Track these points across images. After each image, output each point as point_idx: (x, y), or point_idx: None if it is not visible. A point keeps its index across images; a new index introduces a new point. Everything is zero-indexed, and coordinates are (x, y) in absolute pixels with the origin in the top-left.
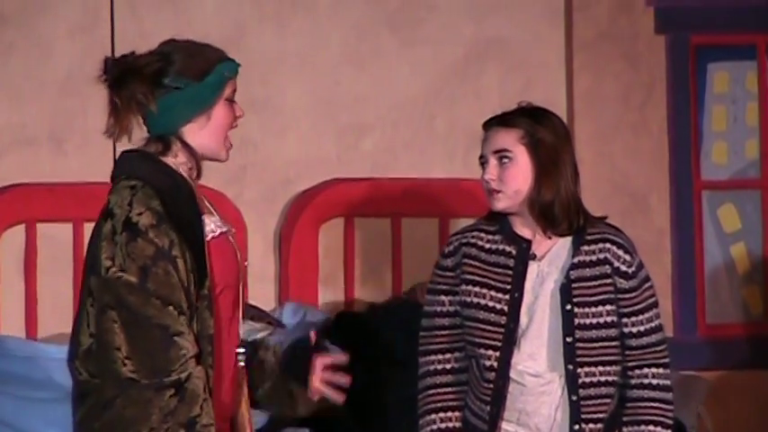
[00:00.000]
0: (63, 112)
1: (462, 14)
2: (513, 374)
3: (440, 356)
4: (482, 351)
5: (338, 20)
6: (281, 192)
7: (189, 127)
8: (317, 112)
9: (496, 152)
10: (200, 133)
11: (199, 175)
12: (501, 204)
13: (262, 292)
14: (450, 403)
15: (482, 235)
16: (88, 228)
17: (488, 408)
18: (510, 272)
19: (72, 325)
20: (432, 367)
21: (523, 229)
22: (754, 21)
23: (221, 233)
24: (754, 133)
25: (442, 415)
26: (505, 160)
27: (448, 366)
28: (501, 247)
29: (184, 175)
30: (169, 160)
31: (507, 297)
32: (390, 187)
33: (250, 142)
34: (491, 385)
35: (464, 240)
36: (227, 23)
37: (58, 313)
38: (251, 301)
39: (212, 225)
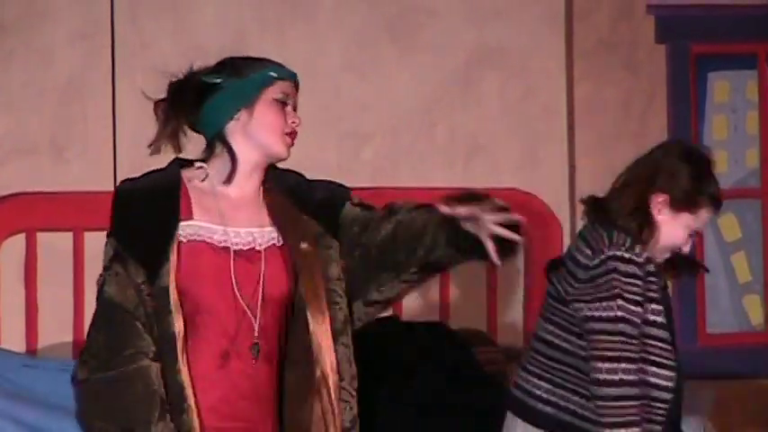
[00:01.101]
0: (63, 119)
1: (462, 22)
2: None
3: (637, 367)
4: (655, 369)
5: (338, 28)
6: None
7: (233, 125)
8: (318, 120)
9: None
10: (244, 131)
11: (229, 180)
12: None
13: None
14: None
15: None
16: (89, 236)
17: (659, 428)
18: (657, 287)
19: None
20: (643, 377)
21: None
22: (755, 30)
23: (195, 240)
24: (755, 142)
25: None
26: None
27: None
28: (654, 268)
29: (188, 178)
30: (191, 170)
31: (665, 314)
32: (391, 195)
33: None
34: (665, 405)
35: (647, 255)
36: (228, 31)
37: (58, 323)
38: None
39: (188, 230)
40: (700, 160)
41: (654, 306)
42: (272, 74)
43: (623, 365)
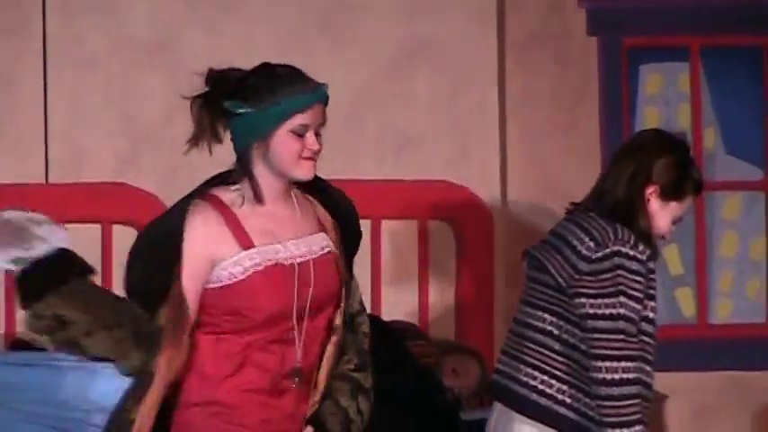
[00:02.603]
0: None
1: (393, 15)
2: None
3: (637, 365)
4: (648, 368)
5: (269, 22)
6: None
7: (253, 152)
8: None
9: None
10: (263, 160)
11: (257, 199)
12: None
13: None
14: None
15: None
16: None
17: (646, 428)
18: (656, 284)
19: None
20: (640, 376)
21: None
22: (687, 22)
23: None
24: (686, 135)
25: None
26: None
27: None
28: (654, 265)
29: (230, 202)
30: (228, 193)
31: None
32: None
33: (181, 144)
34: (649, 404)
35: (649, 253)
36: (159, 26)
37: None
38: None
39: (251, 261)
40: (681, 148)
41: (652, 303)
42: (290, 108)
43: (623, 364)
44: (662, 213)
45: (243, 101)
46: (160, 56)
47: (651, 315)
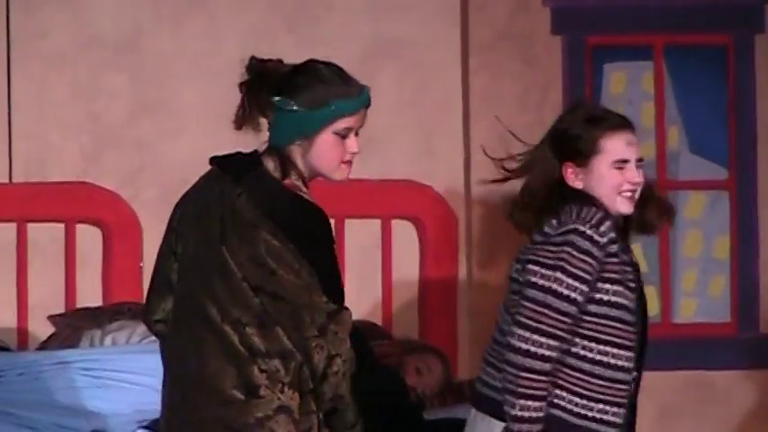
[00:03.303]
0: None
1: (359, 14)
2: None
3: (558, 344)
4: (622, 352)
5: (235, 20)
6: (178, 193)
7: (293, 148)
8: (213, 113)
9: (639, 159)
10: (305, 157)
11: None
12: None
13: None
14: (547, 392)
15: (614, 231)
16: None
17: (623, 411)
18: (631, 269)
19: None
20: (554, 354)
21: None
22: (651, 21)
23: None
24: (650, 134)
25: (545, 404)
26: (640, 166)
27: (555, 355)
28: (622, 244)
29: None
30: (299, 185)
31: (634, 297)
32: None
33: (145, 143)
34: (627, 387)
35: (612, 236)
36: (125, 24)
37: None
38: None
39: None
40: (575, 108)
41: (615, 287)
42: (337, 110)
43: (535, 337)
44: (594, 175)
45: (291, 98)
46: (125, 54)
47: (615, 299)
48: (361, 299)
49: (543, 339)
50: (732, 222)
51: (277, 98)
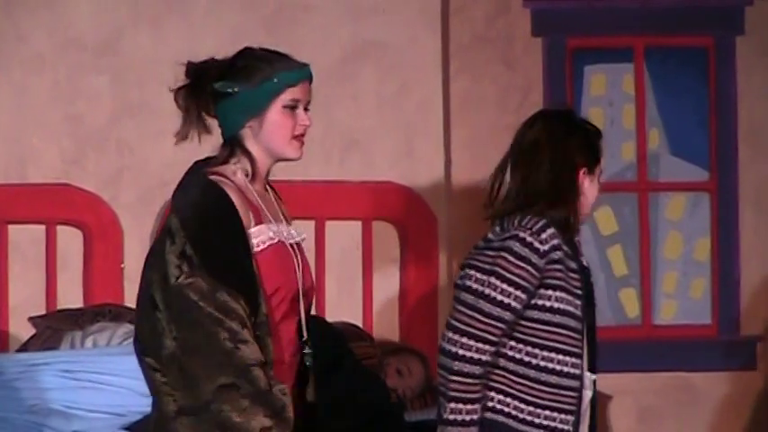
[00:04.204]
0: None
1: (339, 17)
2: (584, 381)
3: (492, 349)
4: (567, 358)
5: (214, 23)
6: (158, 194)
7: (245, 132)
8: None
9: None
10: (256, 139)
11: (253, 180)
12: None
13: None
14: (481, 395)
15: (560, 237)
16: None
17: (573, 418)
18: (578, 276)
19: None
20: (484, 357)
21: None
22: (631, 23)
23: (270, 244)
24: (631, 136)
25: (478, 406)
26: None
27: (490, 360)
28: (569, 251)
29: (235, 183)
30: (228, 168)
31: (580, 303)
32: None
33: (126, 145)
34: (574, 393)
35: (555, 243)
36: (104, 26)
37: None
38: (128, 304)
39: (261, 236)
40: (572, 117)
41: (558, 294)
42: (281, 82)
43: (464, 340)
44: (590, 186)
45: (234, 81)
46: (105, 57)
47: (557, 305)
48: (342, 300)
49: (473, 343)
50: (713, 224)
51: (218, 84)
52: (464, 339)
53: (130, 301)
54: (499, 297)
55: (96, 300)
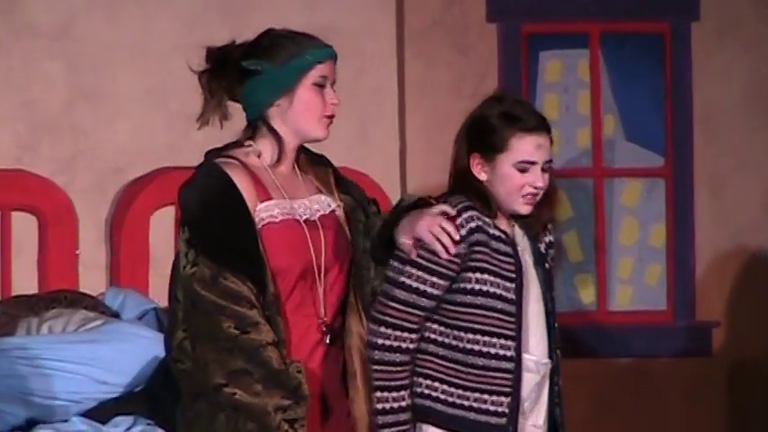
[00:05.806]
0: None
1: (294, 2)
2: (525, 364)
3: (412, 336)
4: (494, 340)
5: (169, 8)
6: (113, 180)
7: (273, 110)
8: (148, 101)
9: (548, 161)
10: (284, 117)
11: (279, 160)
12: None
13: (93, 281)
14: (408, 381)
15: (485, 219)
16: None
17: (508, 399)
18: (511, 259)
19: None
20: (404, 345)
21: (501, 216)
22: (586, 9)
23: (273, 221)
24: (586, 122)
25: (406, 393)
26: (547, 169)
27: (412, 346)
28: (498, 233)
29: (244, 164)
30: (240, 152)
31: (514, 286)
32: None
33: (81, 131)
34: (509, 375)
35: (474, 226)
36: (59, 12)
37: None
38: (83, 290)
39: (265, 213)
40: (498, 100)
41: (481, 276)
42: (310, 58)
43: (382, 329)
44: (498, 175)
45: (262, 59)
46: (60, 42)
47: (483, 288)
48: None
49: (390, 331)
50: (668, 210)
51: (247, 62)
52: (382, 329)
53: (85, 286)
54: (415, 284)
55: (51, 286)
